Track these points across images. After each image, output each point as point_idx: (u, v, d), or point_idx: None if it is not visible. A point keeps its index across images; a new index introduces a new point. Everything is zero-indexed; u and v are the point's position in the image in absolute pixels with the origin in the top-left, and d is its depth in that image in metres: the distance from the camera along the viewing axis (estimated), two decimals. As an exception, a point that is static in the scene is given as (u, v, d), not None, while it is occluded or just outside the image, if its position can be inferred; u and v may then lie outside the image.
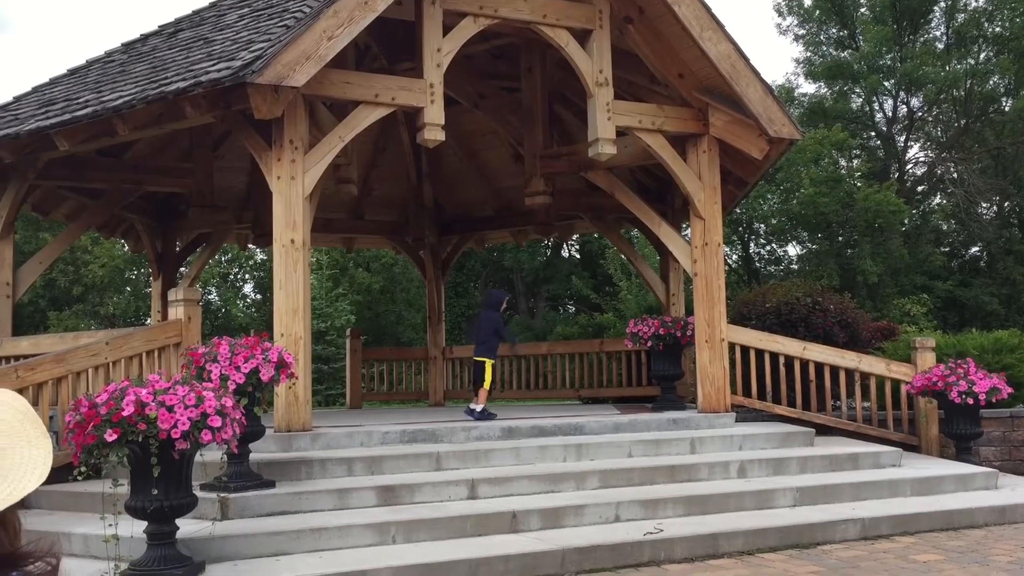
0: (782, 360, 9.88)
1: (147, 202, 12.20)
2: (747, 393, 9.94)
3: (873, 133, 30.29)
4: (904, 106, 29.39)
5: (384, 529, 6.13)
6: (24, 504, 1.34)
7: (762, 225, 27.75)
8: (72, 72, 10.07)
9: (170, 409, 4.97)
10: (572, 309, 31.10)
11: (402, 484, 6.88)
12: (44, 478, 1.35)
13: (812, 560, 6.10)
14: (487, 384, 9.49)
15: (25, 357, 7.89)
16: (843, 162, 27.79)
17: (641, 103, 9.59)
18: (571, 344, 14.14)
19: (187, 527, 5.64)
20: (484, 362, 9.57)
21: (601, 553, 5.99)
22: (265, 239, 13.09)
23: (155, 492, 5.08)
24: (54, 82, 9.90)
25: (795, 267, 27.51)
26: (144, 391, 5.02)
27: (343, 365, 18.15)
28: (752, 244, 28.54)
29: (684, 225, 12.62)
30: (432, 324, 15.01)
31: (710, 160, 9.51)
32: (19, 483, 1.31)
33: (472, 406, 9.36)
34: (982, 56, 28.57)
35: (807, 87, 31.02)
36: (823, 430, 9.63)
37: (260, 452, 7.04)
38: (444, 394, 14.63)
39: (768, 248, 29.00)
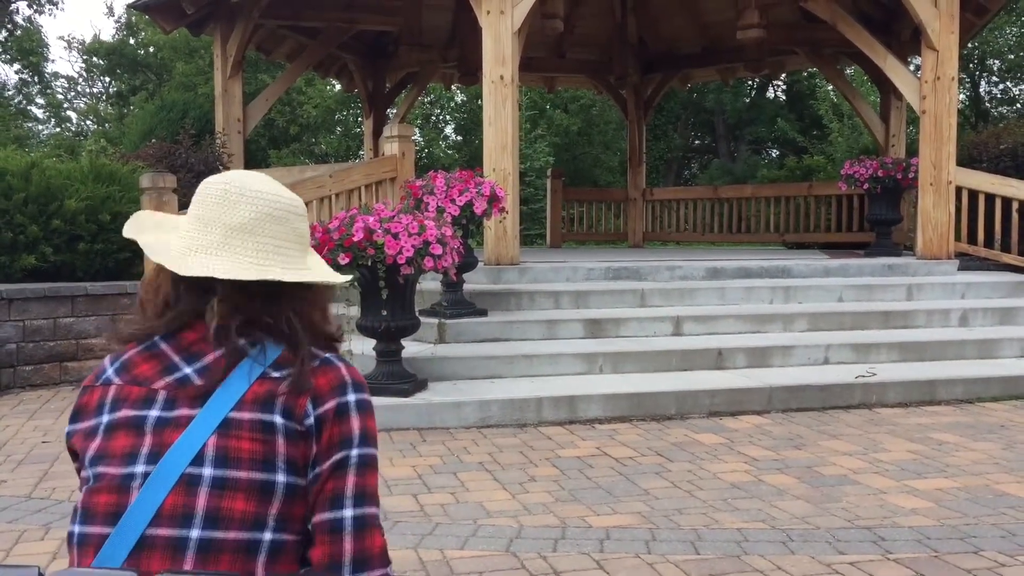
0: (1015, 206, 9.14)
1: (359, 42, 12.57)
2: (972, 241, 9.32)
3: None
4: None
5: (592, 359, 6.34)
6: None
7: (996, 61, 25.14)
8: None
9: (395, 236, 5.25)
10: (775, 153, 29.80)
11: (608, 318, 7.04)
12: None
13: (1039, 413, 5.81)
14: None
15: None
16: (1101, -13, 24.44)
17: (873, -79, 8.75)
18: (777, 187, 13.64)
19: (410, 348, 6.05)
20: None
21: (809, 393, 5.95)
22: (469, 78, 13.23)
23: (384, 313, 5.45)
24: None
25: (1031, 108, 24.96)
26: (371, 219, 5.31)
27: (541, 206, 18.40)
28: (983, 82, 25.99)
29: (909, 60, 11.63)
30: (633, 165, 14.85)
31: (949, -17, 8.63)
32: (331, 276, 1.49)
33: None
34: None
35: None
36: (1057, 282, 8.94)
37: (472, 283, 7.36)
38: (643, 235, 14.62)
39: (1001, 87, 26.35)
